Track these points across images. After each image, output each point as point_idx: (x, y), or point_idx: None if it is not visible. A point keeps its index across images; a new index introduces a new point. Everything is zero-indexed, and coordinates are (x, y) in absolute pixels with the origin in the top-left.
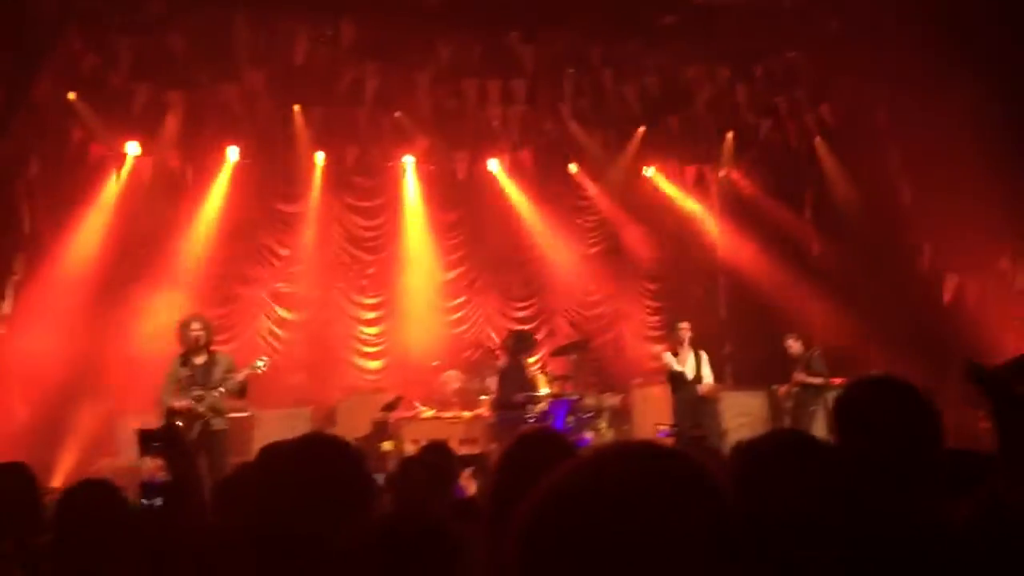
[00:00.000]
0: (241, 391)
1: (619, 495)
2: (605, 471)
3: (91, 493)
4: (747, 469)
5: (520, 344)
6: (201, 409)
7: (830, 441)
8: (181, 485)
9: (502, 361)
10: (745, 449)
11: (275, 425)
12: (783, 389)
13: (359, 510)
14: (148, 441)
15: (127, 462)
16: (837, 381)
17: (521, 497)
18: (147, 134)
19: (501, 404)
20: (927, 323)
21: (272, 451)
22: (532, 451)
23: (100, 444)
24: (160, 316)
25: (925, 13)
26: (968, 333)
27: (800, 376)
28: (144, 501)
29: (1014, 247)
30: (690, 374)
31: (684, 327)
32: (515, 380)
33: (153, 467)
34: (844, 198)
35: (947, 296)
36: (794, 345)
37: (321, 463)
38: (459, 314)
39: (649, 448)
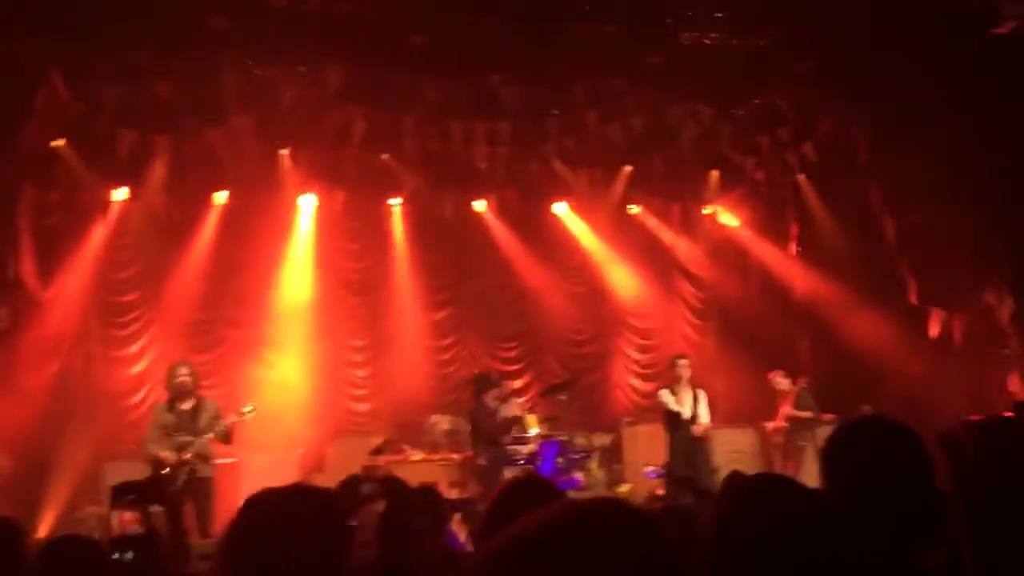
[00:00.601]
0: (226, 437)
1: (563, 557)
2: (553, 533)
3: (70, 549)
4: (730, 513)
5: (481, 385)
6: (188, 456)
7: (818, 483)
8: (153, 538)
9: (469, 404)
10: (728, 494)
11: (263, 470)
12: (772, 425)
13: (338, 565)
14: (121, 494)
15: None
16: (827, 416)
17: None
18: (134, 180)
19: (474, 446)
20: (914, 358)
21: (252, 506)
22: (520, 500)
23: (86, 492)
24: (147, 361)
25: (901, 53)
26: (955, 368)
27: (788, 411)
28: (115, 556)
29: (998, 281)
30: (687, 413)
31: (683, 364)
32: (482, 421)
33: (126, 520)
34: (828, 235)
35: (933, 331)
36: (781, 381)
37: (300, 519)
38: (447, 355)
39: (604, 508)
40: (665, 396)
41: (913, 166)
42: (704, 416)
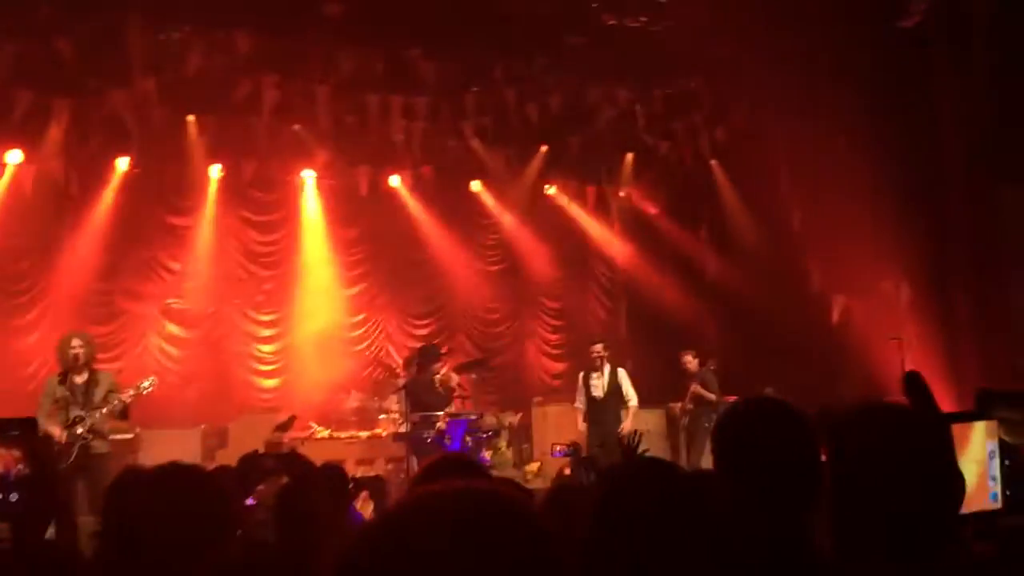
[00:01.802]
0: (123, 413)
1: (428, 552)
2: (420, 524)
3: None
4: (607, 500)
5: (426, 357)
6: (80, 431)
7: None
8: (41, 478)
9: (406, 376)
10: (604, 482)
11: (163, 446)
12: (679, 407)
13: (215, 544)
14: (4, 429)
15: None
16: (729, 399)
17: None
18: (30, 142)
19: (409, 417)
20: (817, 342)
21: (127, 480)
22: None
23: None
24: (41, 333)
25: (815, 44)
26: (855, 352)
27: (696, 389)
28: None
29: (897, 269)
30: (600, 393)
31: (597, 348)
32: (424, 394)
33: (8, 459)
34: (738, 220)
35: (835, 316)
36: (691, 361)
37: (176, 496)
38: (359, 331)
39: (478, 496)
40: (580, 380)
41: (820, 155)
42: (629, 397)
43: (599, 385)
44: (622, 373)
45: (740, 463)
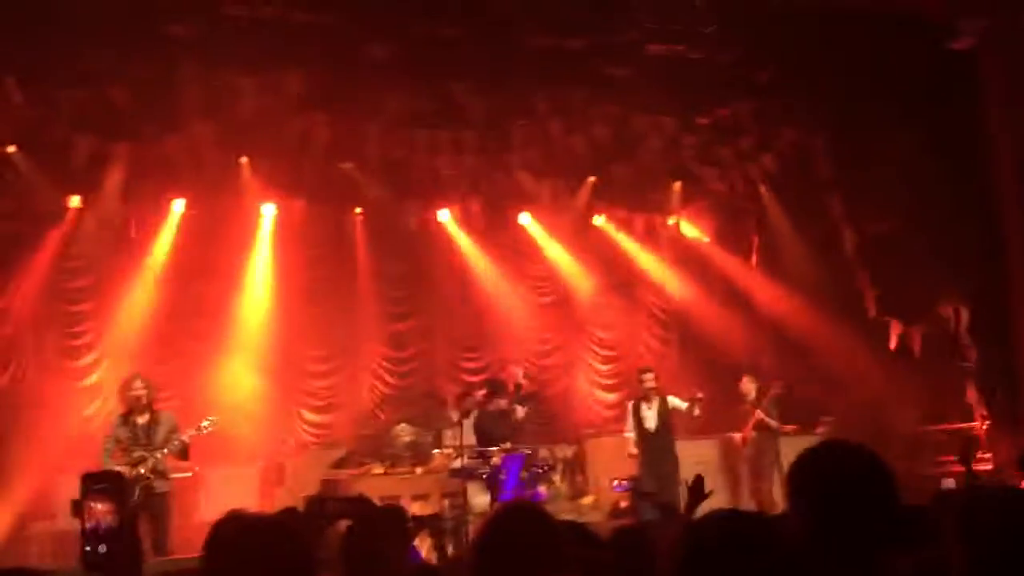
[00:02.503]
0: (183, 452)
1: None
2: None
3: None
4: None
5: (494, 389)
6: (143, 471)
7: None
8: (128, 530)
9: (459, 410)
10: (689, 534)
11: (222, 484)
12: (741, 436)
13: None
14: (92, 483)
15: (64, 526)
16: (787, 428)
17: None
18: (89, 187)
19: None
20: (874, 369)
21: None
22: (511, 530)
23: (36, 508)
24: (101, 373)
25: (861, 65)
26: (914, 378)
27: (760, 416)
28: (87, 548)
29: (954, 293)
30: (652, 426)
31: (648, 377)
32: (492, 426)
33: (99, 512)
34: (790, 245)
35: (893, 342)
36: (749, 386)
37: (266, 553)
38: (409, 366)
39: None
40: (629, 413)
41: (872, 178)
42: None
43: (650, 416)
44: (672, 400)
45: (816, 510)
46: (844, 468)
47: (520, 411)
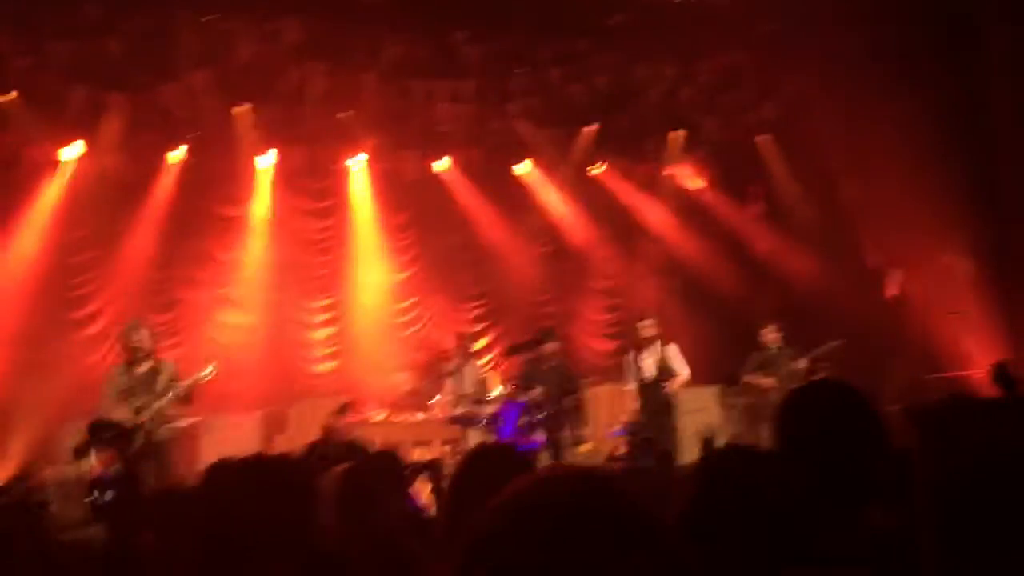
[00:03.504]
0: (186, 399)
1: (553, 534)
2: (542, 506)
3: (10, 519)
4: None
5: (545, 337)
6: (144, 419)
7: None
8: (133, 478)
9: (456, 360)
10: (704, 468)
11: (224, 432)
12: (768, 382)
13: (302, 537)
14: (99, 432)
15: (69, 472)
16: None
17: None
18: (87, 137)
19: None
20: (872, 317)
21: (216, 475)
22: (485, 469)
23: (41, 454)
24: (103, 322)
25: (862, 16)
26: (913, 327)
27: (783, 375)
28: (95, 494)
29: (955, 242)
30: (649, 374)
31: (646, 324)
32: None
33: (104, 459)
34: (789, 195)
35: (890, 291)
36: (770, 336)
37: (262, 490)
38: (410, 315)
39: (590, 481)
40: (631, 359)
41: (872, 129)
42: (680, 371)
43: (649, 365)
44: (673, 350)
45: (806, 449)
46: (831, 406)
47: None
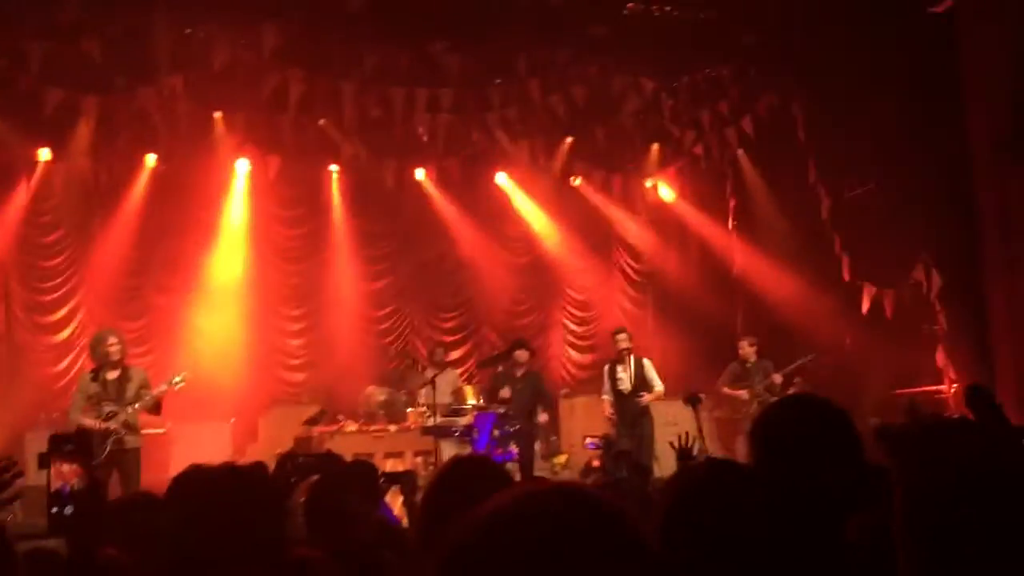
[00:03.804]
0: (155, 407)
1: (537, 549)
2: (526, 521)
3: None
4: (680, 500)
5: (515, 345)
6: (113, 426)
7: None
8: (95, 492)
9: (432, 369)
10: (679, 481)
11: (194, 440)
12: (745, 393)
13: (273, 547)
14: (59, 444)
15: (36, 481)
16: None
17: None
18: (59, 140)
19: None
20: (846, 332)
21: (184, 484)
22: (461, 481)
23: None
24: (73, 328)
25: (842, 31)
26: (886, 342)
27: (758, 390)
28: (53, 510)
29: (927, 259)
30: (626, 386)
31: (621, 337)
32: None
33: (64, 473)
34: (766, 209)
35: (865, 306)
36: (748, 349)
37: (230, 497)
38: (385, 325)
39: (574, 497)
40: (605, 373)
41: (848, 143)
42: (654, 384)
43: (625, 378)
44: (647, 364)
45: (782, 462)
46: (808, 423)
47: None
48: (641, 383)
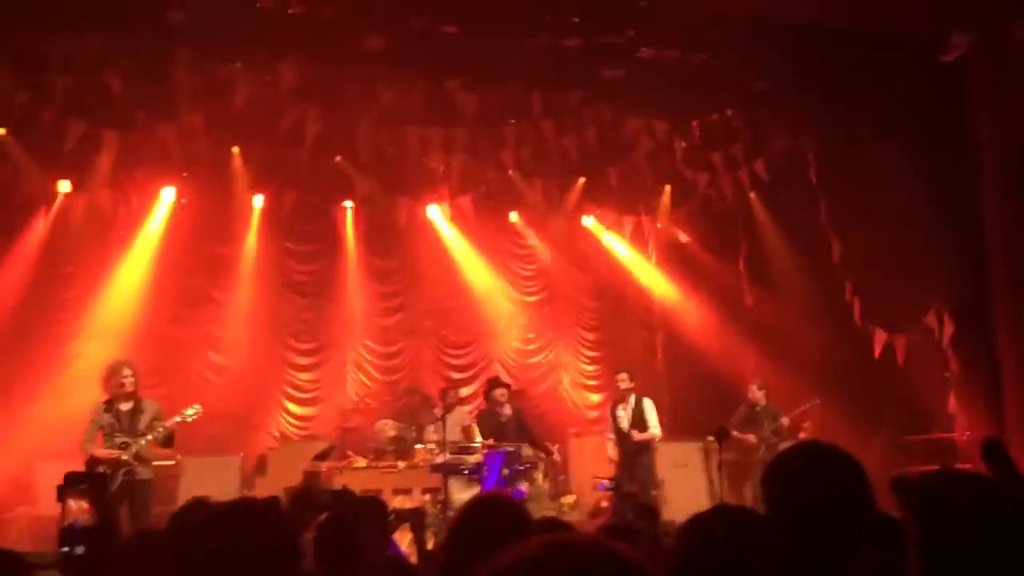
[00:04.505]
0: (168, 440)
1: None
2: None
3: None
4: (694, 549)
5: (492, 384)
6: (125, 457)
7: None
8: (106, 530)
9: (442, 407)
10: (693, 527)
11: (203, 473)
12: (752, 437)
13: None
14: (73, 482)
15: (46, 511)
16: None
17: (470, 569)
18: (79, 173)
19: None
20: (858, 377)
21: (191, 515)
22: (485, 522)
23: (18, 492)
24: (87, 359)
25: (853, 76)
26: (898, 387)
27: (766, 434)
28: (65, 548)
29: (938, 304)
30: (624, 426)
31: (621, 377)
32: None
33: (76, 511)
34: (777, 252)
35: (877, 351)
36: (757, 393)
37: (244, 533)
38: (396, 361)
39: (594, 551)
40: (609, 412)
41: (860, 188)
42: (652, 425)
43: (623, 416)
44: (647, 404)
45: (795, 511)
46: (820, 471)
47: (508, 409)
48: (639, 422)
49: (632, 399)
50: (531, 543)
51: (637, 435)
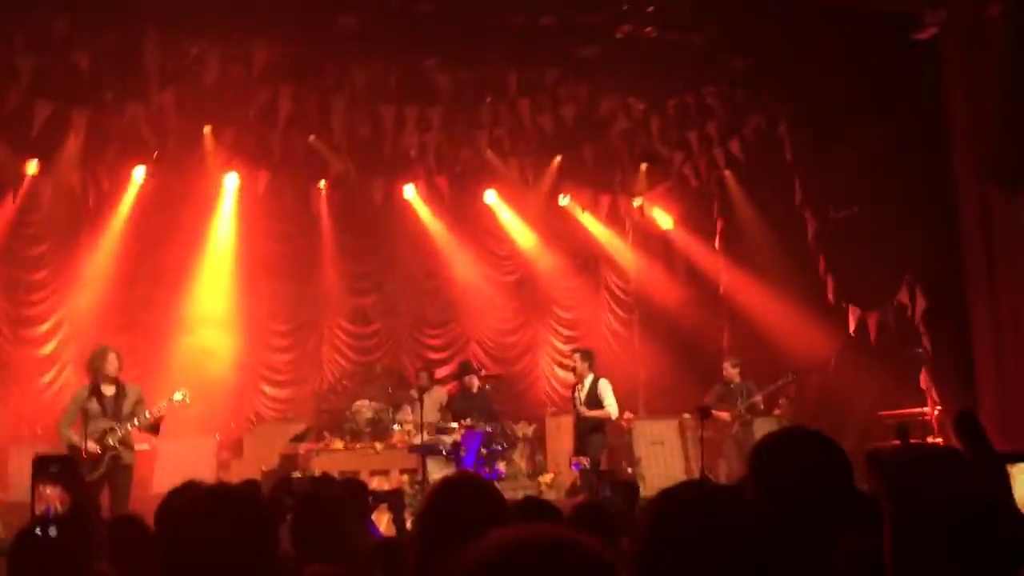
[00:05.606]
0: (155, 426)
1: None
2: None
3: None
4: (662, 524)
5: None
6: (111, 442)
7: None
8: (81, 514)
9: (417, 387)
10: (659, 502)
11: (179, 456)
12: (730, 414)
13: (264, 565)
14: (45, 466)
15: (17, 497)
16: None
17: (444, 551)
18: (48, 154)
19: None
20: (832, 354)
21: (177, 502)
22: (457, 502)
23: None
24: (58, 341)
25: (828, 56)
26: (872, 364)
27: (740, 411)
28: (38, 531)
29: (911, 281)
30: (579, 405)
31: (576, 356)
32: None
33: (49, 495)
34: (753, 230)
35: (851, 327)
36: (731, 371)
37: (223, 520)
38: (372, 341)
39: (564, 547)
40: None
41: (834, 166)
42: (607, 403)
43: (579, 397)
44: (603, 383)
45: (780, 493)
46: (804, 457)
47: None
48: (594, 403)
49: (588, 380)
50: (496, 539)
51: (586, 411)
